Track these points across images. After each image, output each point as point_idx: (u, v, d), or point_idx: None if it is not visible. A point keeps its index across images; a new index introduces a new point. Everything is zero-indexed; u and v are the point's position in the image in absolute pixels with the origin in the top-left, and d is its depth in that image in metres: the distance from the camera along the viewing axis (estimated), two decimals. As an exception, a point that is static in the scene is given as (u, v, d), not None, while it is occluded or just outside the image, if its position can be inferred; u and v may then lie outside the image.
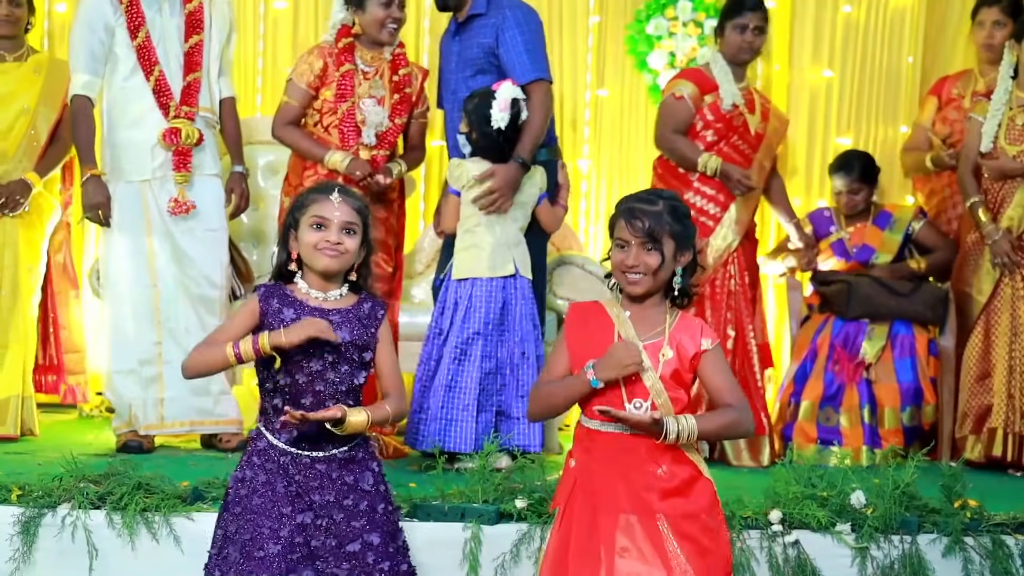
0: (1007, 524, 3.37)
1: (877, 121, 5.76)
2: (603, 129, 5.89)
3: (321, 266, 2.77)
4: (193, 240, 4.37)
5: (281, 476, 2.72)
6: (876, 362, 4.88)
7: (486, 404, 4.11)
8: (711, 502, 2.68)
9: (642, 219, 2.66)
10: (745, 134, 4.78)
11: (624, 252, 2.69)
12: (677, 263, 2.70)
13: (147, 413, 4.34)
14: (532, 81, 4.26)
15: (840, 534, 3.29)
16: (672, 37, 5.74)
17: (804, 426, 4.87)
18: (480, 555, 3.25)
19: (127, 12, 4.29)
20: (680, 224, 2.70)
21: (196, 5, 4.39)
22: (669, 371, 2.67)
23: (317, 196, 2.80)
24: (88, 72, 4.35)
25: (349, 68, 4.35)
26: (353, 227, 2.78)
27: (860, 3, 5.75)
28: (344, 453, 2.77)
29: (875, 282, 4.97)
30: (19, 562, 3.22)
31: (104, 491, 3.30)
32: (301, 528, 2.69)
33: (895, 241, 5.12)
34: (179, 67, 4.35)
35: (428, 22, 5.83)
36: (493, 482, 3.40)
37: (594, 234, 5.91)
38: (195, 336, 4.36)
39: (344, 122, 4.33)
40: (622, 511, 2.62)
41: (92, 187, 4.32)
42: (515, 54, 4.27)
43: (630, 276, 2.69)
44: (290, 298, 2.79)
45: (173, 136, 4.29)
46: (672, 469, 2.65)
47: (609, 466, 2.66)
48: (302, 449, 2.75)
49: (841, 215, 5.23)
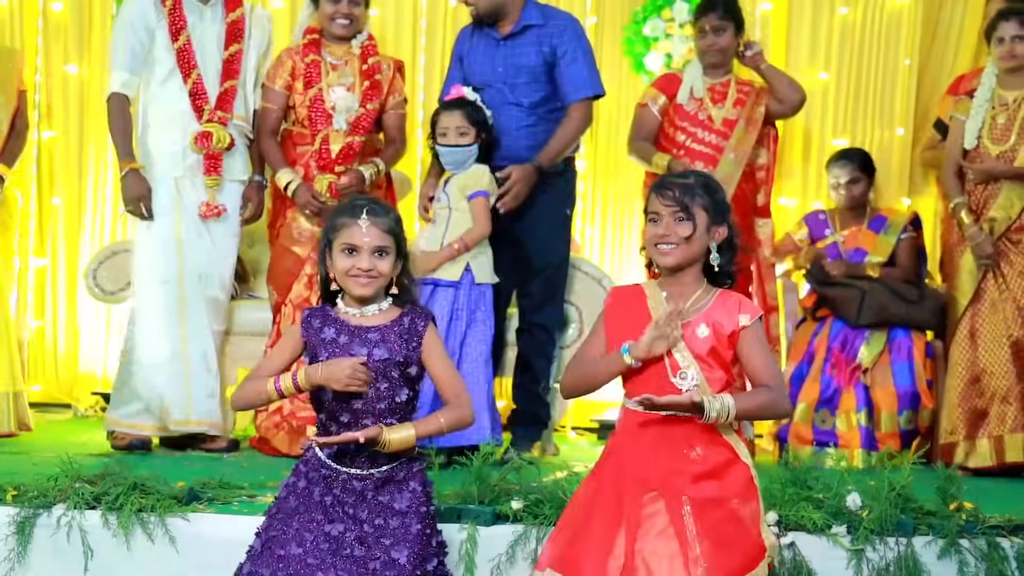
0: (1002, 526, 3.37)
1: (873, 123, 5.76)
2: (599, 130, 5.89)
3: (355, 293, 2.77)
4: (214, 242, 4.41)
5: (320, 485, 2.74)
6: (873, 366, 4.88)
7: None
8: (745, 486, 2.68)
9: (672, 189, 2.70)
10: (709, 127, 4.78)
11: (656, 225, 2.71)
12: (711, 238, 2.71)
13: (172, 410, 4.34)
14: (585, 98, 4.49)
15: (836, 536, 3.29)
16: (668, 38, 5.74)
17: (799, 428, 4.87)
18: (476, 556, 3.24)
19: (169, 15, 4.35)
20: (712, 197, 2.72)
21: (238, 15, 4.46)
22: (706, 349, 2.67)
23: (346, 220, 2.76)
24: (127, 71, 4.39)
25: (314, 59, 4.46)
26: (385, 249, 2.76)
27: (856, 5, 5.76)
28: (382, 473, 2.76)
29: (887, 289, 4.94)
30: (14, 562, 3.21)
31: (99, 491, 3.29)
32: (328, 537, 2.69)
33: (888, 244, 5.12)
34: (216, 74, 4.40)
35: (425, 22, 5.84)
36: (489, 483, 3.40)
37: (591, 236, 5.91)
38: (207, 336, 4.39)
39: (313, 108, 4.42)
40: (649, 489, 2.63)
41: (133, 180, 4.33)
42: (576, 68, 4.48)
43: (662, 247, 2.71)
44: (331, 317, 2.78)
45: (205, 140, 4.33)
46: (707, 452, 2.66)
47: (643, 446, 2.67)
48: (342, 465, 2.75)
49: (837, 218, 5.23)
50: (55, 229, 5.81)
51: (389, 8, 5.76)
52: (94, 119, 5.80)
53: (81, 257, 5.73)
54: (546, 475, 3.53)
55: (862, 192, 5.18)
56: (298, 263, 4.48)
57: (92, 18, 5.83)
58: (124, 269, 5.01)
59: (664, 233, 2.69)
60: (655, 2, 5.75)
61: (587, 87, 4.51)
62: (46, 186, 5.82)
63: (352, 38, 4.51)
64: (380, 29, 4.76)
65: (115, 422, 4.41)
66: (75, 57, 5.81)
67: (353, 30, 4.50)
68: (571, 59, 4.47)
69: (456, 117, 4.34)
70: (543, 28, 4.49)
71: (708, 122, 4.77)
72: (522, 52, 4.49)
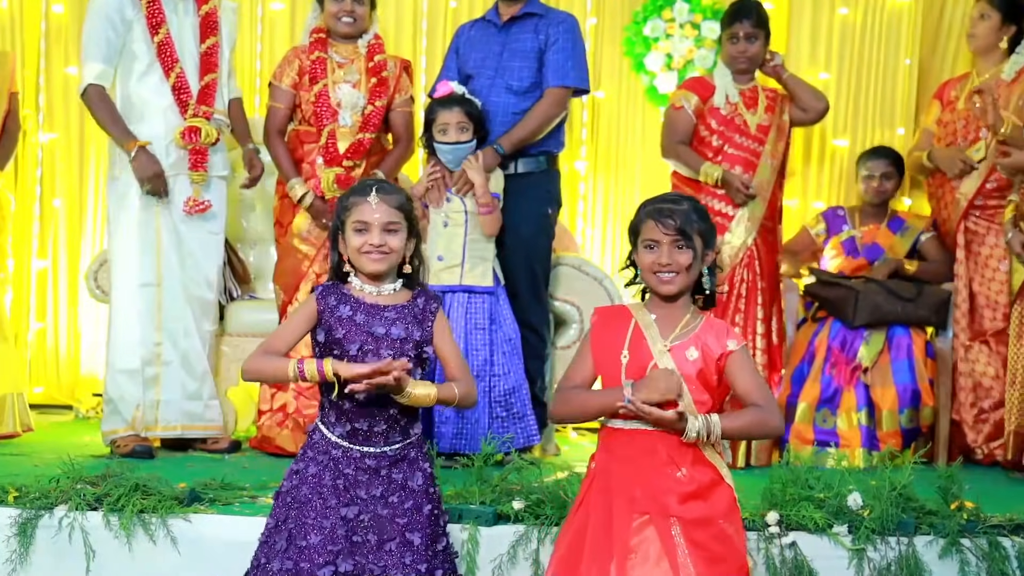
0: (1004, 525, 3.38)
1: (874, 123, 5.75)
2: (600, 130, 5.89)
3: (368, 270, 2.79)
4: (197, 240, 4.38)
5: (331, 469, 2.74)
6: (872, 366, 4.87)
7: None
8: (729, 507, 2.69)
9: (673, 217, 2.69)
10: (746, 132, 4.80)
11: (655, 252, 2.71)
12: (703, 263, 2.73)
13: (146, 415, 4.32)
14: (561, 85, 4.52)
15: (837, 536, 3.29)
16: (669, 39, 5.74)
17: (800, 428, 4.87)
18: (477, 556, 3.26)
19: (147, 8, 4.30)
20: (706, 223, 2.74)
21: (211, 7, 4.43)
22: (695, 371, 2.68)
23: (356, 199, 2.80)
24: (102, 61, 4.31)
25: (320, 56, 4.48)
26: (395, 226, 2.78)
27: (857, 5, 5.76)
28: (395, 451, 2.78)
29: (882, 288, 4.93)
30: (16, 564, 3.22)
31: (101, 492, 3.30)
32: (344, 521, 2.71)
33: (904, 246, 5.12)
34: (195, 67, 4.37)
35: (426, 23, 5.84)
36: (491, 483, 3.40)
37: (591, 236, 5.91)
38: (192, 338, 4.37)
39: (318, 103, 4.43)
40: (637, 512, 2.63)
41: (144, 159, 4.25)
42: (561, 57, 4.53)
43: (663, 276, 2.71)
44: (346, 295, 2.80)
45: (192, 135, 4.29)
46: (692, 472, 2.66)
47: (628, 466, 2.67)
48: (354, 443, 2.76)
49: (856, 215, 5.23)
50: (56, 231, 5.80)
51: (389, 9, 5.76)
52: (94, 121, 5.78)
53: (82, 259, 5.73)
54: (547, 475, 3.53)
55: (892, 188, 5.20)
56: (305, 262, 4.48)
57: (93, 20, 5.81)
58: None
59: (666, 262, 2.70)
60: (655, 2, 5.75)
61: (567, 77, 4.54)
62: (47, 188, 5.82)
63: (358, 37, 4.52)
64: (380, 29, 4.76)
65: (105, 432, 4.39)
66: (76, 59, 5.79)
67: (358, 28, 4.50)
68: (559, 48, 4.53)
69: (456, 114, 4.35)
70: (542, 18, 4.59)
71: (744, 127, 4.79)
72: (520, 37, 4.57)
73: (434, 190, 4.39)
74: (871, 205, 5.21)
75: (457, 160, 4.36)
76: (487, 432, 4.15)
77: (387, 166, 4.51)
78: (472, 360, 4.29)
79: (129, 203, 4.32)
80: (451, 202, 4.39)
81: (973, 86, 5.06)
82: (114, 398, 4.37)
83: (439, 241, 4.38)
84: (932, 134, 5.24)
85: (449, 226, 4.38)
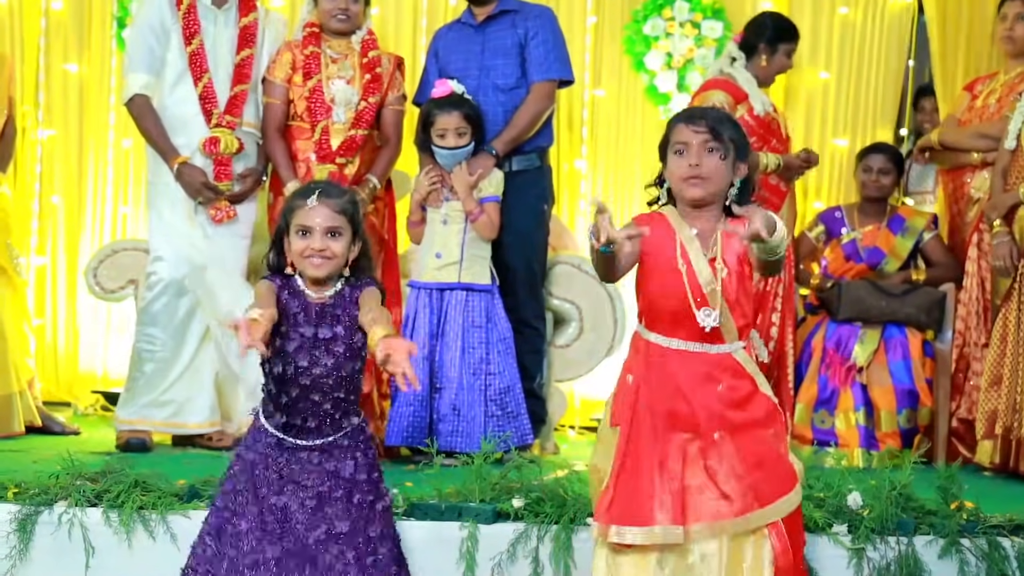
0: (1003, 526, 3.38)
1: (874, 123, 5.76)
2: (600, 129, 5.89)
3: (310, 274, 2.80)
4: (224, 244, 4.40)
5: (265, 458, 2.79)
6: (868, 366, 4.87)
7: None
8: (767, 415, 2.70)
9: (704, 117, 2.67)
10: (780, 137, 4.87)
11: (683, 156, 2.67)
12: (735, 174, 2.68)
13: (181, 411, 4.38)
14: (545, 79, 4.55)
15: (836, 535, 3.29)
16: (669, 37, 5.75)
17: (799, 428, 4.87)
18: (477, 554, 3.25)
19: (184, 18, 4.35)
20: (737, 132, 2.70)
21: (251, 20, 4.46)
22: (732, 280, 2.66)
23: (299, 202, 2.81)
24: (148, 72, 4.37)
25: (313, 50, 4.46)
26: (337, 230, 2.79)
27: (856, 5, 5.76)
28: (327, 442, 2.81)
29: (867, 283, 4.96)
30: (15, 560, 3.21)
31: (101, 489, 3.30)
32: (274, 509, 2.75)
33: (906, 247, 5.09)
34: (227, 78, 4.40)
35: (426, 21, 5.83)
36: (490, 481, 3.40)
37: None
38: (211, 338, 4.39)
39: (312, 99, 4.41)
40: (680, 428, 2.65)
41: (189, 172, 4.31)
42: (542, 50, 4.57)
43: (691, 179, 2.66)
44: (297, 290, 2.82)
45: (212, 145, 4.32)
46: (731, 384, 2.67)
47: (670, 384, 2.67)
48: (288, 435, 2.80)
49: (855, 215, 5.22)
50: (55, 227, 5.80)
51: (389, 8, 5.76)
52: (94, 118, 5.79)
53: (81, 255, 5.72)
54: (547, 473, 3.53)
55: (891, 184, 5.19)
56: None
57: (92, 16, 5.80)
58: (124, 267, 5.02)
59: (695, 163, 2.64)
60: (655, 1, 5.75)
61: (551, 70, 4.57)
62: (46, 185, 5.81)
63: (351, 34, 4.52)
64: (380, 28, 4.76)
65: (121, 420, 4.40)
66: (75, 56, 5.80)
67: (351, 26, 4.49)
68: (539, 41, 4.57)
69: (455, 118, 4.34)
70: (518, 13, 4.62)
71: (779, 132, 4.87)
72: (498, 35, 4.60)
73: (434, 193, 4.39)
74: (869, 202, 5.19)
75: (455, 164, 4.36)
76: (484, 430, 4.16)
77: (379, 169, 4.48)
78: (469, 358, 4.30)
79: (167, 200, 4.37)
80: (450, 201, 4.39)
81: (994, 86, 5.01)
82: (146, 393, 4.37)
83: (437, 239, 4.38)
84: (957, 120, 5.16)
85: (448, 224, 4.37)
